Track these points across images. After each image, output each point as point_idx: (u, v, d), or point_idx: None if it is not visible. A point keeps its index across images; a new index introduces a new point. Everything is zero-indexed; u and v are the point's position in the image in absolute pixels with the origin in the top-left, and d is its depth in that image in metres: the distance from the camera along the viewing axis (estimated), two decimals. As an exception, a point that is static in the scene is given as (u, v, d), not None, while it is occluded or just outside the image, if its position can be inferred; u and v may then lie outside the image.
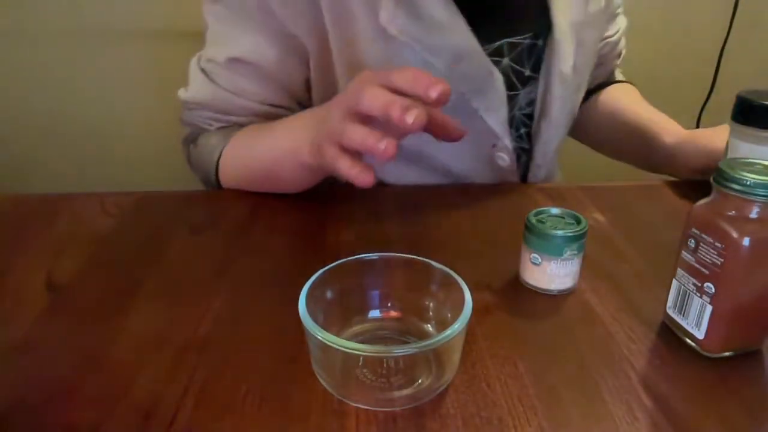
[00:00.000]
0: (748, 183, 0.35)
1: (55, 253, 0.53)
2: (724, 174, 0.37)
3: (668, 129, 0.72)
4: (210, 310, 0.45)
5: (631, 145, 0.77)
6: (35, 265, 0.51)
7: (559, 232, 0.44)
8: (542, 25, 0.66)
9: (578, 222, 0.46)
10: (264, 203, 0.63)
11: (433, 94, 0.40)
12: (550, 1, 0.65)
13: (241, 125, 0.66)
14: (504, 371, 0.39)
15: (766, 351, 0.41)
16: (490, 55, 0.64)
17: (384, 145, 0.41)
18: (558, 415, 0.35)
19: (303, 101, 0.68)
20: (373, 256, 0.42)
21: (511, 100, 0.67)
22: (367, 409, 0.36)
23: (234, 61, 0.62)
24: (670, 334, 0.42)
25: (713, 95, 1.28)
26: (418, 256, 0.42)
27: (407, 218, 0.60)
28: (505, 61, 0.65)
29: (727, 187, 0.37)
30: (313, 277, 0.39)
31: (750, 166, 0.37)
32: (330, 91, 0.62)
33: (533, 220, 0.46)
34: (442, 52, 0.60)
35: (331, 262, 0.41)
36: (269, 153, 0.60)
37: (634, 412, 0.36)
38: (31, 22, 1.29)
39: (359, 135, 0.43)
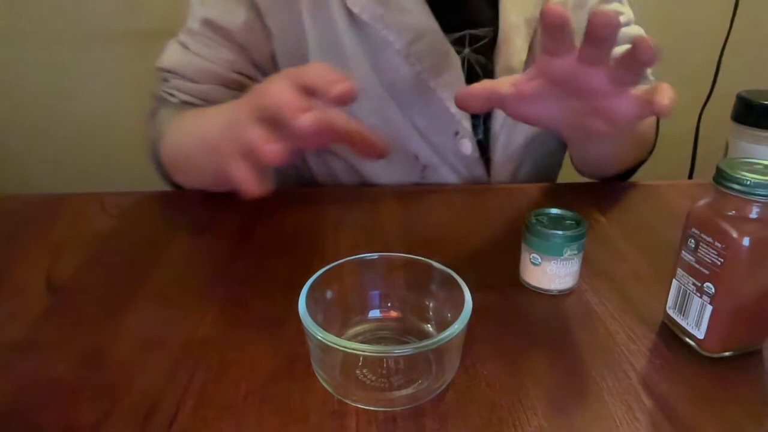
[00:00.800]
0: (748, 183, 0.35)
1: (55, 253, 0.53)
2: (724, 174, 0.37)
3: None
4: (210, 310, 0.45)
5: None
6: (35, 265, 0.51)
7: (559, 232, 0.44)
8: (496, 19, 0.68)
9: (578, 222, 0.46)
10: (264, 203, 0.63)
11: (335, 90, 0.40)
12: None
13: (204, 99, 0.67)
14: (504, 371, 0.39)
15: (766, 351, 0.41)
16: (453, 43, 0.66)
17: (269, 147, 0.40)
18: (558, 415, 0.35)
19: (269, 74, 0.68)
20: (373, 256, 0.42)
21: None
22: (367, 409, 0.36)
23: (206, 23, 0.65)
24: (670, 334, 0.42)
25: (713, 95, 1.28)
26: (418, 256, 0.42)
27: (407, 218, 0.60)
28: (467, 51, 0.68)
29: (727, 187, 0.37)
30: (313, 277, 0.39)
31: (750, 166, 0.37)
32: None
33: (533, 220, 0.46)
34: (401, 32, 0.63)
35: (331, 262, 0.41)
36: (193, 136, 0.59)
37: (634, 412, 0.36)
38: (31, 22, 1.29)
39: (253, 135, 0.42)
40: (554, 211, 0.48)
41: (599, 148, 0.63)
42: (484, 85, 0.46)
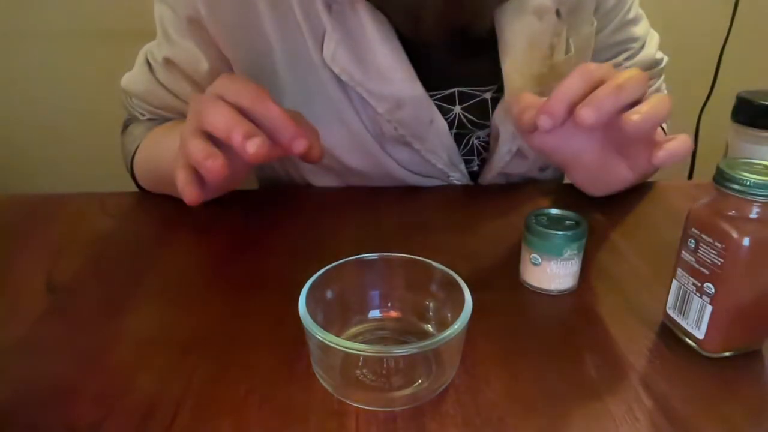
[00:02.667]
0: (748, 183, 0.35)
1: (55, 253, 0.53)
2: (724, 174, 0.37)
3: None
4: (210, 310, 0.45)
5: None
6: (35, 265, 0.51)
7: (559, 232, 0.44)
8: (497, 78, 0.62)
9: (578, 222, 0.46)
10: (264, 203, 0.63)
11: (297, 149, 0.41)
12: (501, 60, 0.61)
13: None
14: (504, 371, 0.39)
15: (766, 351, 0.41)
16: (441, 101, 0.63)
17: (210, 162, 0.41)
18: (558, 415, 0.35)
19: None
20: (373, 256, 0.42)
21: (465, 136, 0.66)
22: (367, 409, 0.36)
23: (168, 63, 0.63)
24: (670, 334, 0.42)
25: (713, 95, 1.28)
26: (418, 256, 0.42)
27: (407, 218, 0.60)
28: (457, 108, 0.64)
29: (727, 187, 0.37)
30: (313, 277, 0.39)
31: (750, 166, 0.37)
32: None
33: (533, 220, 0.46)
34: (382, 98, 0.59)
35: (331, 262, 0.41)
36: (164, 154, 0.58)
37: (634, 412, 0.36)
38: (31, 22, 1.30)
39: (193, 147, 0.43)
40: (554, 211, 0.48)
41: (619, 183, 0.58)
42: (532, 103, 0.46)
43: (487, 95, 0.64)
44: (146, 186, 0.67)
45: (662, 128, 0.75)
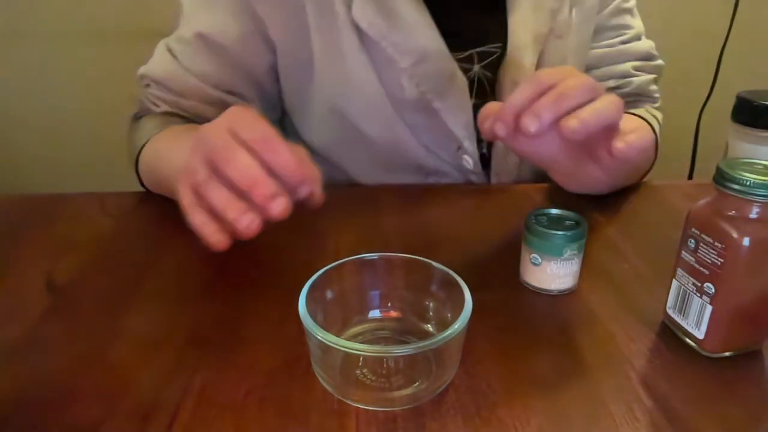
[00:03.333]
0: (748, 183, 0.35)
1: (55, 253, 0.53)
2: (724, 174, 0.37)
3: None
4: (210, 310, 0.45)
5: None
6: (35, 265, 0.51)
7: (559, 232, 0.44)
8: (505, 35, 0.67)
9: (578, 222, 0.46)
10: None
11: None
12: (508, 16, 0.66)
13: (185, 117, 0.66)
14: (504, 371, 0.39)
15: (766, 351, 0.41)
16: (461, 61, 0.65)
17: (247, 222, 0.39)
18: (558, 415, 0.35)
19: (267, 89, 0.68)
20: (373, 256, 0.42)
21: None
22: (367, 409, 0.36)
23: (199, 37, 0.63)
24: (670, 334, 0.42)
25: (713, 95, 1.28)
26: (418, 256, 0.42)
27: (407, 218, 0.60)
28: (476, 68, 0.67)
29: (727, 187, 0.37)
30: (313, 277, 0.39)
31: (750, 166, 0.37)
32: (304, 80, 0.65)
33: (533, 220, 0.46)
34: (407, 52, 0.62)
35: (331, 262, 0.41)
36: (168, 162, 0.57)
37: (634, 412, 0.36)
38: (31, 22, 1.29)
39: (222, 201, 0.39)
40: (554, 211, 0.48)
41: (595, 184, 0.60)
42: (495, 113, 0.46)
43: (499, 51, 0.68)
44: (148, 184, 0.67)
45: (653, 126, 0.75)
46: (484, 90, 0.68)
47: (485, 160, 0.71)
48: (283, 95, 0.70)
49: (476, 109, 0.67)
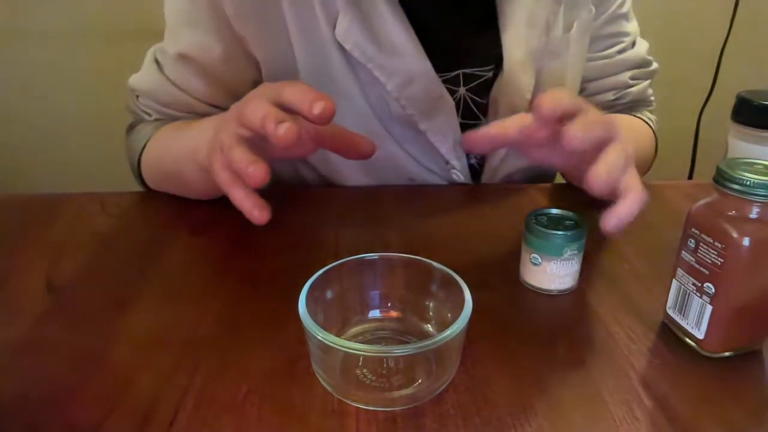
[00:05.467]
0: (748, 183, 0.35)
1: (55, 253, 0.53)
2: (724, 174, 0.37)
3: None
4: (210, 310, 0.45)
5: None
6: (35, 265, 0.51)
7: (559, 232, 0.44)
8: (497, 57, 0.64)
9: (578, 222, 0.46)
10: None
11: (315, 110, 0.40)
12: (501, 33, 0.64)
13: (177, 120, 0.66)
14: (504, 371, 0.39)
15: (766, 351, 0.41)
16: (447, 82, 0.64)
17: (252, 169, 0.41)
18: (558, 415, 0.35)
19: None
20: (373, 256, 0.42)
21: (470, 127, 0.66)
22: (367, 409, 0.36)
23: (182, 57, 0.63)
24: (670, 334, 0.42)
25: (713, 95, 1.28)
26: (418, 256, 0.42)
27: (407, 218, 0.60)
28: (461, 90, 0.66)
29: (727, 187, 0.37)
30: (313, 277, 0.39)
31: (750, 166, 0.37)
32: None
33: (533, 220, 0.46)
34: (393, 73, 0.61)
35: (331, 262, 0.41)
36: (177, 151, 0.59)
37: (634, 412, 0.36)
38: (31, 22, 1.29)
39: (236, 156, 0.42)
40: (554, 211, 0.48)
41: None
42: (491, 130, 0.46)
43: (489, 74, 0.66)
44: (153, 184, 0.67)
45: (650, 123, 0.75)
46: (471, 111, 0.67)
47: (475, 171, 0.71)
48: None
49: (464, 128, 0.66)
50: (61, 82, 1.35)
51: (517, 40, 0.64)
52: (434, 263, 0.41)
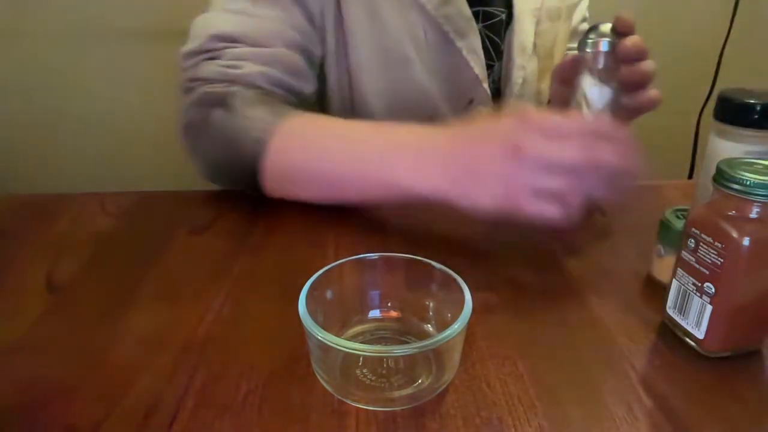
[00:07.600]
0: (748, 183, 0.35)
1: (55, 253, 0.53)
2: (724, 174, 0.37)
3: None
4: (210, 310, 0.45)
5: None
6: (35, 265, 0.51)
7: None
8: (508, 4, 0.75)
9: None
10: (264, 203, 0.63)
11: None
12: None
13: (265, 91, 0.62)
14: (504, 371, 0.39)
15: (766, 351, 0.41)
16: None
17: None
18: (558, 415, 0.35)
19: (323, 29, 0.70)
20: (373, 256, 0.42)
21: (488, 68, 0.76)
22: (367, 409, 0.36)
23: None
24: (670, 334, 0.42)
25: (713, 95, 1.28)
26: (418, 256, 0.42)
27: (407, 218, 0.60)
28: (479, 26, 0.74)
29: (727, 187, 0.37)
30: (313, 277, 0.39)
31: (750, 166, 0.37)
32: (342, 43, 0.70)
33: (676, 216, 0.47)
34: None
35: (331, 262, 0.41)
36: (356, 164, 0.54)
37: (634, 412, 0.36)
38: (31, 22, 1.29)
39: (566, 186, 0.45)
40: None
41: None
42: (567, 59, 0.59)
43: (502, 16, 0.75)
44: (275, 182, 0.59)
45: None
46: (487, 49, 0.75)
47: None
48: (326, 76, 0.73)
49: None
50: (61, 83, 1.35)
51: None
52: (434, 263, 0.41)
